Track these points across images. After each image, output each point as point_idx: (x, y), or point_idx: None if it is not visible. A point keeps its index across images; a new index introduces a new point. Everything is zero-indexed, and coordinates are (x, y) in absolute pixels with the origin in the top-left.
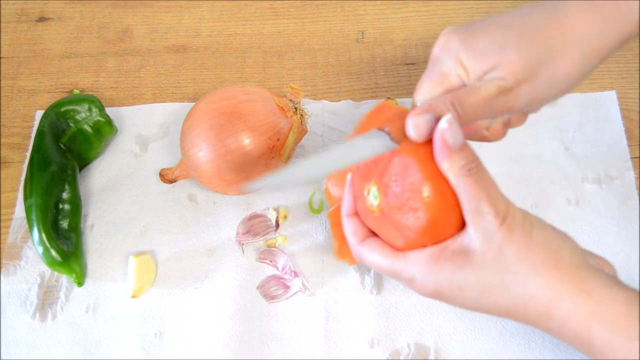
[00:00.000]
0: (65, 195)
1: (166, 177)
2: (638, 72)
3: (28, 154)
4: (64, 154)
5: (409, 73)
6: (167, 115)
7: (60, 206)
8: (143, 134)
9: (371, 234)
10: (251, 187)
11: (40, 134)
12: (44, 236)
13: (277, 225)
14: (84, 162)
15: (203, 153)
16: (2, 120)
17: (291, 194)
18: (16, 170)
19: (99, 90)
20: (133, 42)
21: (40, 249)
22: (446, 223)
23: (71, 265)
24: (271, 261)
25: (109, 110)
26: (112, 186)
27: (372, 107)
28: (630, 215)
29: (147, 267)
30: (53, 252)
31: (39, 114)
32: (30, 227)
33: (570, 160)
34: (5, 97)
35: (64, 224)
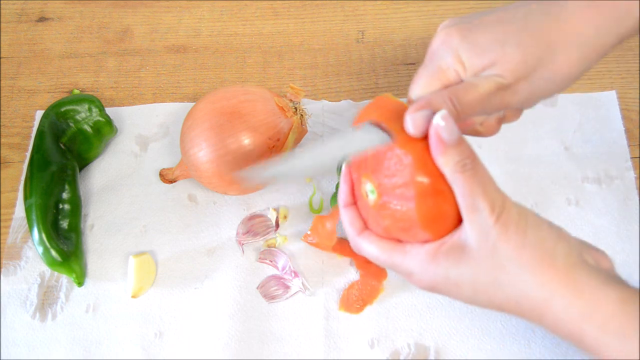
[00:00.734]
0: (65, 195)
1: (166, 177)
2: (638, 72)
3: (28, 154)
4: (64, 154)
5: (409, 73)
6: (167, 115)
7: (60, 206)
8: (143, 134)
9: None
10: (242, 175)
11: (40, 134)
12: (44, 236)
13: (277, 225)
14: (84, 162)
15: (203, 153)
16: (2, 120)
17: (291, 193)
18: (16, 170)
19: (99, 90)
20: (133, 42)
21: (40, 249)
22: (444, 218)
23: (71, 265)
24: (271, 261)
25: (109, 110)
26: (112, 186)
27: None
28: (630, 215)
29: (147, 267)
30: (53, 252)
31: (39, 114)
32: (30, 227)
33: (570, 160)
34: (5, 97)
35: (64, 224)
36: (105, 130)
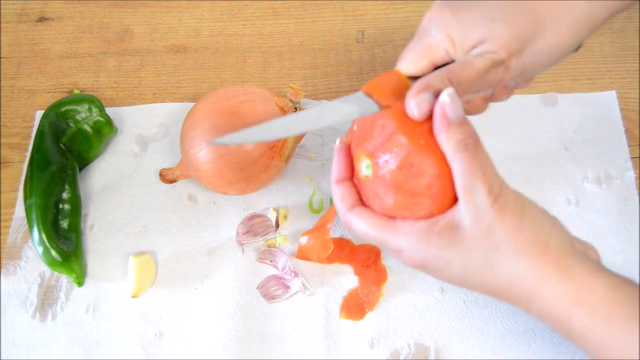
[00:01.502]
0: (65, 195)
1: (166, 177)
2: (638, 72)
3: (28, 154)
4: (64, 154)
5: None
6: (167, 115)
7: (60, 206)
8: (143, 134)
9: (360, 201)
10: (219, 141)
11: (40, 134)
12: (44, 236)
13: (277, 225)
14: (84, 162)
15: (203, 153)
16: (2, 120)
17: (291, 193)
18: (16, 170)
19: (99, 90)
20: (133, 42)
21: (40, 249)
22: (439, 197)
23: (71, 265)
24: (271, 261)
25: (109, 110)
26: (112, 186)
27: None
28: (630, 215)
29: (147, 267)
30: (53, 252)
31: (39, 114)
32: (30, 227)
33: (570, 160)
34: (5, 97)
35: (64, 224)
36: (105, 130)
